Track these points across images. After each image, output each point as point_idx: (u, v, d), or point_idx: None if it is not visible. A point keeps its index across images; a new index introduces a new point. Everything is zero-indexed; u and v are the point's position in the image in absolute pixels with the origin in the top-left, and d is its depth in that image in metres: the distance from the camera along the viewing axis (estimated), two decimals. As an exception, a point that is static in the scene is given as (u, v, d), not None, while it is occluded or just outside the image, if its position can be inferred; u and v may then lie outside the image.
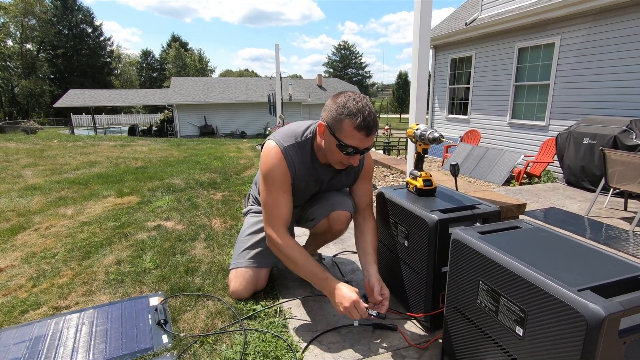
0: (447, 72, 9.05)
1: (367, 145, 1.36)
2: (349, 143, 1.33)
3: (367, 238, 1.54)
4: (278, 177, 1.42)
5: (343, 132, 1.32)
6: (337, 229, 1.60)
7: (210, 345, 1.33)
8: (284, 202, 1.44)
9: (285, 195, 1.44)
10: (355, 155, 1.37)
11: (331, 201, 1.58)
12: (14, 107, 34.70)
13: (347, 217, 1.58)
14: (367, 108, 1.31)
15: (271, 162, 1.42)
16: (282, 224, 1.43)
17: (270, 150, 1.44)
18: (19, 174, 4.22)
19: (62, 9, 37.30)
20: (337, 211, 1.56)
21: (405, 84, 44.44)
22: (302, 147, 1.47)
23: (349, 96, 1.33)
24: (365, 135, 1.32)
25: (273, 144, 1.44)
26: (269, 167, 1.42)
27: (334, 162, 1.45)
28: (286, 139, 1.46)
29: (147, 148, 6.91)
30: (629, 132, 4.13)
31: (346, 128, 1.31)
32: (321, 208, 1.59)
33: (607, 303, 0.73)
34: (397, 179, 3.86)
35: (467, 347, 1.12)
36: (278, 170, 1.41)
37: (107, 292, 1.71)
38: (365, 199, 1.64)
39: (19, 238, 2.38)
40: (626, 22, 5.09)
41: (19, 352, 1.31)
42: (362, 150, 1.36)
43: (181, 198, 3.23)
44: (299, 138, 1.47)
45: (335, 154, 1.39)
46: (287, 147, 1.44)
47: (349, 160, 1.39)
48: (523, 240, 1.06)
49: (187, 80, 23.04)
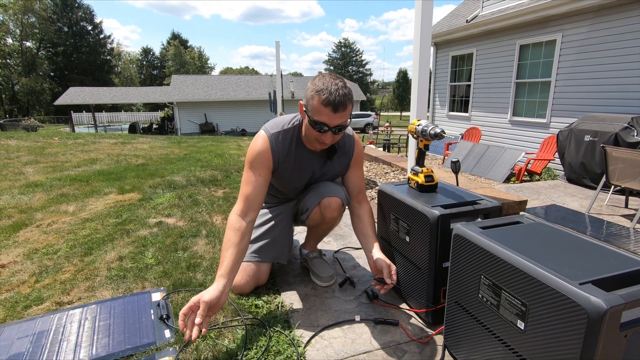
0: (448, 70, 9.03)
1: (338, 123, 1.38)
2: (318, 119, 1.36)
3: (364, 221, 1.59)
4: (256, 160, 1.47)
5: (313, 108, 1.37)
6: (329, 217, 1.61)
7: (212, 340, 1.33)
8: (254, 182, 1.46)
9: (257, 178, 1.47)
10: (327, 132, 1.39)
11: (321, 189, 1.60)
12: (14, 105, 34.70)
13: (339, 204, 1.59)
14: (336, 85, 1.34)
15: (255, 147, 1.49)
16: (243, 201, 1.45)
17: (257, 137, 1.51)
18: (20, 171, 4.22)
19: (62, 6, 37.24)
20: (327, 198, 1.57)
21: (405, 81, 44.35)
22: (287, 133, 1.53)
23: (322, 75, 1.39)
24: (332, 111, 1.34)
25: (262, 133, 1.52)
26: (251, 150, 1.49)
27: (312, 142, 1.49)
28: (273, 127, 1.53)
29: (147, 145, 6.91)
30: (631, 129, 4.12)
31: (315, 104, 1.35)
32: (312, 197, 1.61)
33: (609, 296, 0.74)
34: (397, 176, 3.86)
35: (469, 341, 1.12)
36: (259, 154, 1.47)
37: (109, 288, 1.71)
38: (358, 185, 1.68)
39: (21, 234, 2.39)
40: (627, 19, 5.08)
41: (23, 346, 1.32)
42: (332, 127, 1.38)
43: (182, 195, 3.23)
44: (286, 125, 1.54)
45: (311, 132, 1.43)
46: (273, 133, 1.51)
47: (322, 137, 1.42)
48: (524, 235, 1.06)
49: (188, 78, 23.02)
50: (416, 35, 2.66)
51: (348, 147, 1.64)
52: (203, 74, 38.68)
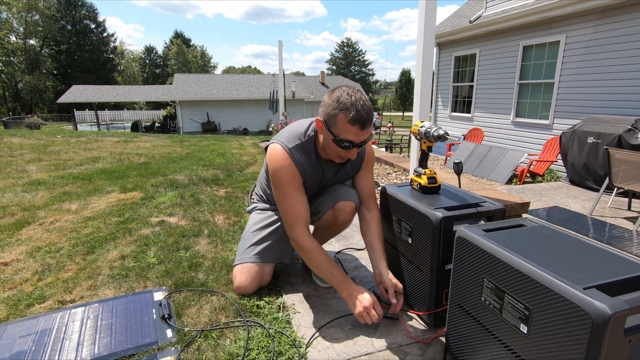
0: (451, 70, 9.01)
1: (363, 139, 1.38)
2: (344, 137, 1.34)
3: (372, 230, 1.57)
4: (289, 178, 1.43)
5: (338, 127, 1.34)
6: (342, 220, 1.61)
7: (214, 340, 1.34)
8: (300, 200, 1.45)
9: (299, 194, 1.46)
10: (352, 149, 1.39)
11: (336, 192, 1.60)
12: (17, 102, 34.80)
13: (352, 208, 1.59)
14: (361, 102, 1.32)
15: (280, 164, 1.43)
16: (302, 223, 1.44)
17: (277, 154, 1.44)
18: (23, 169, 4.24)
19: (65, 4, 37.32)
20: (342, 201, 1.57)
21: (408, 81, 44.22)
22: (306, 146, 1.49)
23: (342, 90, 1.35)
24: (360, 129, 1.33)
25: (279, 147, 1.45)
26: (278, 170, 1.43)
27: (333, 157, 1.47)
28: (290, 140, 1.47)
29: (150, 144, 6.93)
30: (634, 131, 4.10)
31: (340, 123, 1.33)
32: (326, 200, 1.60)
33: (613, 301, 0.73)
34: (400, 176, 3.85)
35: (471, 344, 1.12)
36: (287, 171, 1.43)
37: (111, 287, 1.72)
38: (368, 189, 1.67)
39: (24, 232, 2.40)
40: (631, 21, 5.05)
41: (25, 344, 1.33)
42: (358, 143, 1.37)
43: (184, 194, 3.23)
44: (303, 138, 1.49)
45: (333, 149, 1.41)
46: (293, 148, 1.46)
47: (346, 154, 1.41)
48: (528, 238, 1.06)
49: (190, 77, 23.02)
50: (419, 35, 2.65)
51: (360, 151, 1.63)
52: (205, 73, 38.73)
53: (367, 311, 1.32)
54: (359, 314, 1.33)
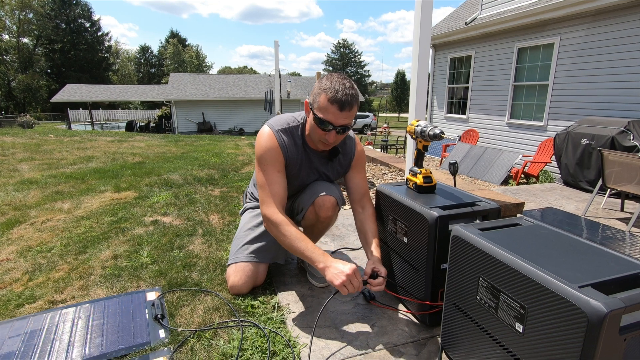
0: (447, 72, 9.05)
1: (342, 123, 1.39)
2: (323, 117, 1.37)
3: (367, 226, 1.58)
4: (271, 157, 1.48)
5: (319, 106, 1.38)
6: (324, 216, 1.60)
7: (207, 340, 1.32)
8: (278, 180, 1.48)
9: (279, 175, 1.49)
10: (332, 131, 1.41)
11: (316, 188, 1.60)
12: (10, 101, 34.40)
13: (332, 203, 1.58)
14: (344, 86, 1.36)
15: (264, 143, 1.48)
16: (277, 201, 1.45)
17: (263, 133, 1.51)
18: (15, 168, 4.18)
19: (59, 3, 36.95)
20: (321, 196, 1.56)
21: (403, 83, 44.40)
22: (293, 131, 1.54)
23: (330, 75, 1.40)
24: (338, 109, 1.35)
25: (267, 129, 1.52)
26: (262, 148, 1.49)
27: (316, 141, 1.49)
28: (278, 123, 1.53)
29: (144, 144, 6.88)
30: (627, 133, 4.14)
31: (322, 101, 1.37)
32: (307, 196, 1.61)
33: (609, 300, 0.73)
34: (395, 177, 3.85)
35: (466, 343, 1.12)
36: (271, 150, 1.48)
37: (103, 287, 1.69)
38: (361, 187, 1.67)
39: (15, 232, 2.36)
40: (625, 23, 5.10)
41: (14, 345, 1.30)
42: (337, 126, 1.39)
43: (179, 194, 3.21)
44: (291, 123, 1.55)
45: (315, 131, 1.44)
46: (279, 130, 1.51)
47: (325, 136, 1.42)
48: (523, 237, 1.05)
49: (186, 77, 22.92)
50: (415, 36, 2.65)
51: (349, 149, 1.65)
52: (201, 73, 38.59)
53: (350, 279, 1.27)
54: (342, 283, 1.26)
